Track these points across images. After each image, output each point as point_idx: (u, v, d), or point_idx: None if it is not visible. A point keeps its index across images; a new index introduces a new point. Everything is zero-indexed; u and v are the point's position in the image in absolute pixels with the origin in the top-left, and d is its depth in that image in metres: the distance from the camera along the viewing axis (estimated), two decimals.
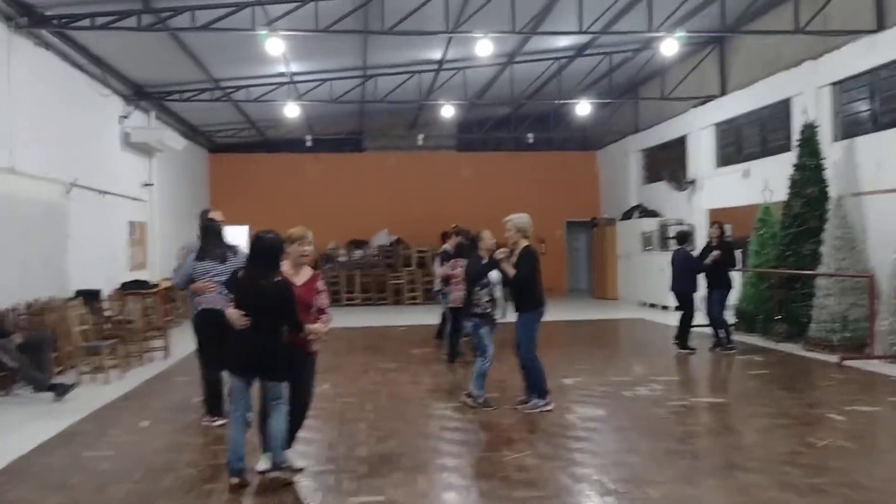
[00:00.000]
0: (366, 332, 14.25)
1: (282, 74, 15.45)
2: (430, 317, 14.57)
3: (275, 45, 11.12)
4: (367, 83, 16.83)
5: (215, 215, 7.41)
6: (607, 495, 5.08)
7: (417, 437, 6.66)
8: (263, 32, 10.86)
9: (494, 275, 7.50)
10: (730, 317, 13.23)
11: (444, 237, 11.64)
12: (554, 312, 16.39)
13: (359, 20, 12.12)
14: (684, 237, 11.68)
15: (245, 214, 22.07)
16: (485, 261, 7.50)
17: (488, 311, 7.52)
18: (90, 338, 9.86)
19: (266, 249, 5.31)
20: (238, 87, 16.14)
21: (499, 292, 7.57)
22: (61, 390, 8.35)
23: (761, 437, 6.45)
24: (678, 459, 5.87)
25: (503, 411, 7.46)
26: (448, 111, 17.53)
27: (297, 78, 15.90)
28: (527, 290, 7.37)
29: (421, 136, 21.03)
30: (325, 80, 16.20)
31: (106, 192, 13.30)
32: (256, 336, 5.18)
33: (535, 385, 7.48)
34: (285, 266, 5.51)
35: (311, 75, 15.94)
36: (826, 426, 6.79)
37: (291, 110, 16.32)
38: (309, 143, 20.37)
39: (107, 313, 11.61)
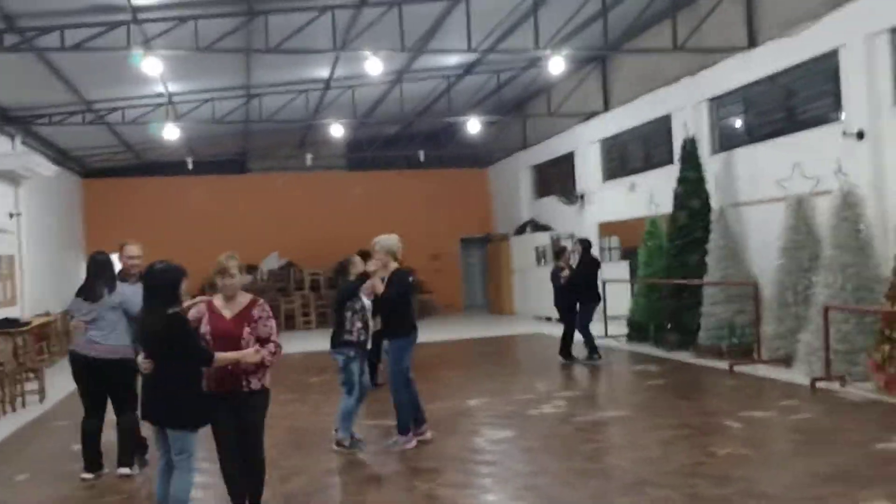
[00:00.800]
0: None
1: (160, 95, 14.74)
2: (326, 342, 14.17)
3: (152, 65, 10.56)
4: (251, 102, 16.34)
5: (130, 250, 6.75)
6: None
7: (324, 474, 6.34)
8: (138, 53, 10.28)
9: (367, 301, 7.09)
10: (623, 327, 13.63)
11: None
12: (452, 330, 16.51)
13: (241, 38, 11.72)
14: (558, 254, 12.15)
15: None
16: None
17: (362, 338, 7.01)
18: None
19: (154, 284, 4.83)
20: (112, 109, 15.27)
21: (370, 319, 7.12)
22: None
23: (666, 450, 6.51)
24: (589, 479, 5.83)
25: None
26: (337, 130, 17.24)
27: (176, 98, 15.21)
28: (398, 314, 6.98)
29: (310, 156, 20.59)
30: (206, 100, 15.59)
31: None
32: (158, 379, 4.70)
33: (400, 418, 6.99)
34: (216, 300, 5.05)
35: (192, 95, 15.29)
36: (725, 434, 6.94)
37: (170, 132, 15.61)
38: (190, 166, 19.56)
39: None
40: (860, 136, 9.70)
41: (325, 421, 8.28)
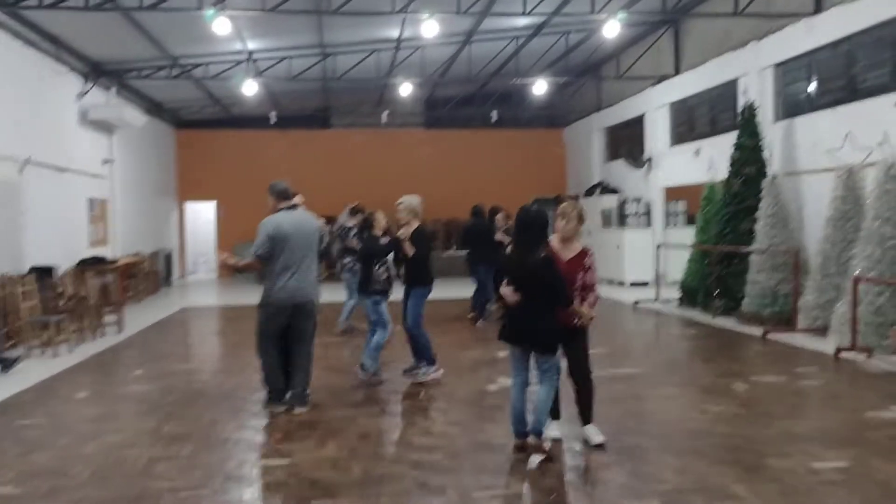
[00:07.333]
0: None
1: (239, 52, 15.57)
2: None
3: (222, 24, 11.27)
4: (326, 61, 16.97)
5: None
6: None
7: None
8: (210, 12, 11.01)
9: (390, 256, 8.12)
10: (677, 292, 13.70)
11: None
12: None
13: (309, 0, 12.29)
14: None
15: (213, 190, 22.27)
16: (383, 241, 8.11)
17: (388, 287, 8.04)
18: (40, 313, 10.10)
19: (527, 224, 5.35)
20: (196, 65, 16.23)
21: (392, 269, 8.12)
22: (7, 363, 8.64)
23: (663, 405, 6.81)
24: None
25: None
26: (406, 89, 17.70)
27: (255, 56, 16.02)
28: (419, 267, 7.92)
29: (386, 113, 21.19)
30: (283, 58, 16.34)
31: (64, 169, 13.46)
32: (526, 311, 5.22)
33: (424, 353, 7.97)
34: (554, 241, 5.61)
35: (270, 53, 16.06)
36: (727, 394, 7.14)
37: (249, 88, 16.46)
38: (273, 120, 20.50)
39: (59, 290, 11.82)
40: None
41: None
